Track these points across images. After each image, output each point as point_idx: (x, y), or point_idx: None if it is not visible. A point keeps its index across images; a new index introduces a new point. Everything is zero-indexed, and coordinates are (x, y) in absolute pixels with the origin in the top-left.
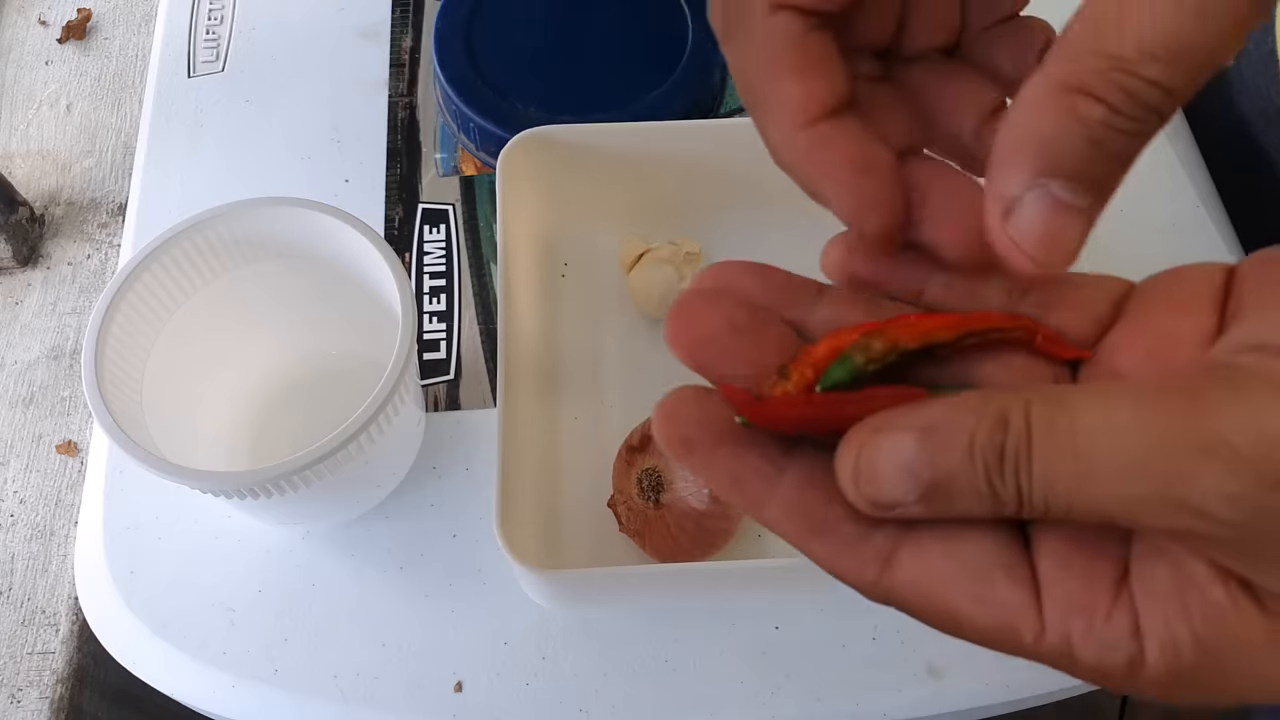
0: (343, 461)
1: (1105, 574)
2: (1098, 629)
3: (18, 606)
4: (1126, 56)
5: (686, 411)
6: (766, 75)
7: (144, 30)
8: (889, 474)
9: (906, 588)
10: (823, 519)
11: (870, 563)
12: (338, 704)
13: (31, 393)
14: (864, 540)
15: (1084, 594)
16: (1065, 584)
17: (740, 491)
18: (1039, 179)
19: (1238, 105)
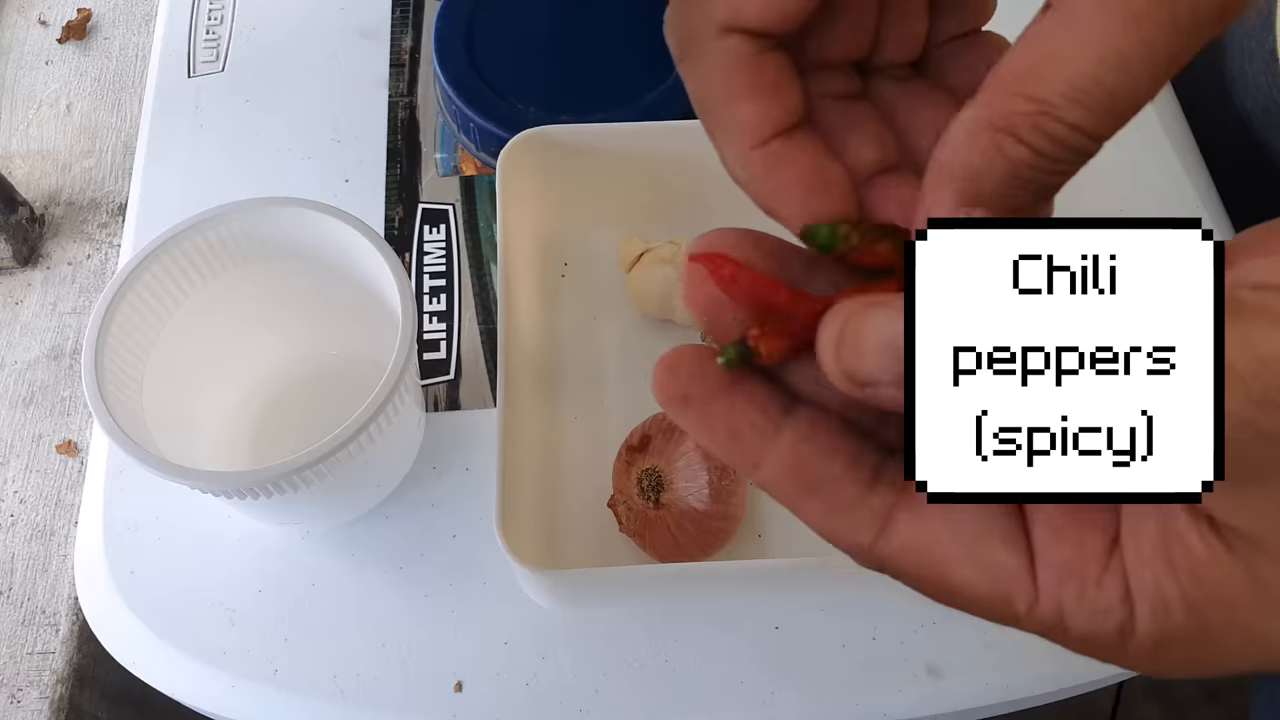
0: (343, 461)
1: (1097, 541)
2: (1089, 594)
3: (18, 606)
4: (1052, 101)
5: (686, 367)
6: (719, 97)
7: (144, 30)
8: (873, 347)
9: (902, 552)
10: (819, 476)
11: (866, 524)
12: (338, 704)
13: (31, 393)
14: (861, 501)
15: (1077, 559)
16: (1059, 549)
17: (737, 447)
18: (963, 206)
19: (1239, 104)
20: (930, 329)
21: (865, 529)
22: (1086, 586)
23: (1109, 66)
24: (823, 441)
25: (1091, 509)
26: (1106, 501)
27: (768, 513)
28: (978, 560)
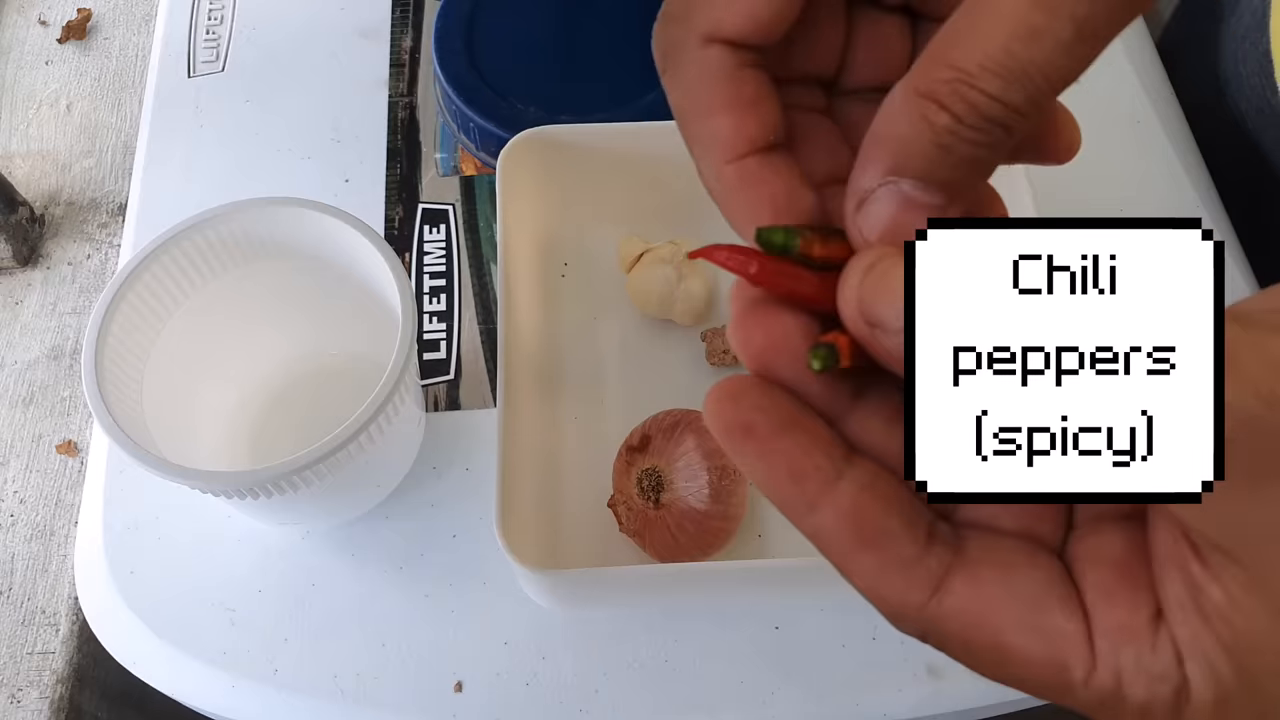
0: (343, 461)
1: (1146, 604)
2: (1145, 659)
3: (18, 606)
4: (969, 70)
5: (750, 397)
6: (698, 109)
7: (144, 30)
8: (892, 293)
9: (954, 615)
10: (878, 530)
11: (920, 584)
12: (338, 704)
13: (31, 393)
14: (917, 560)
15: (1131, 622)
16: (1112, 614)
17: (798, 488)
18: (890, 176)
19: (1234, 105)
20: (930, 329)
21: (918, 589)
22: (1143, 651)
23: (1021, 39)
24: (883, 492)
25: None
26: (1107, 501)
27: (768, 513)
28: (1035, 625)
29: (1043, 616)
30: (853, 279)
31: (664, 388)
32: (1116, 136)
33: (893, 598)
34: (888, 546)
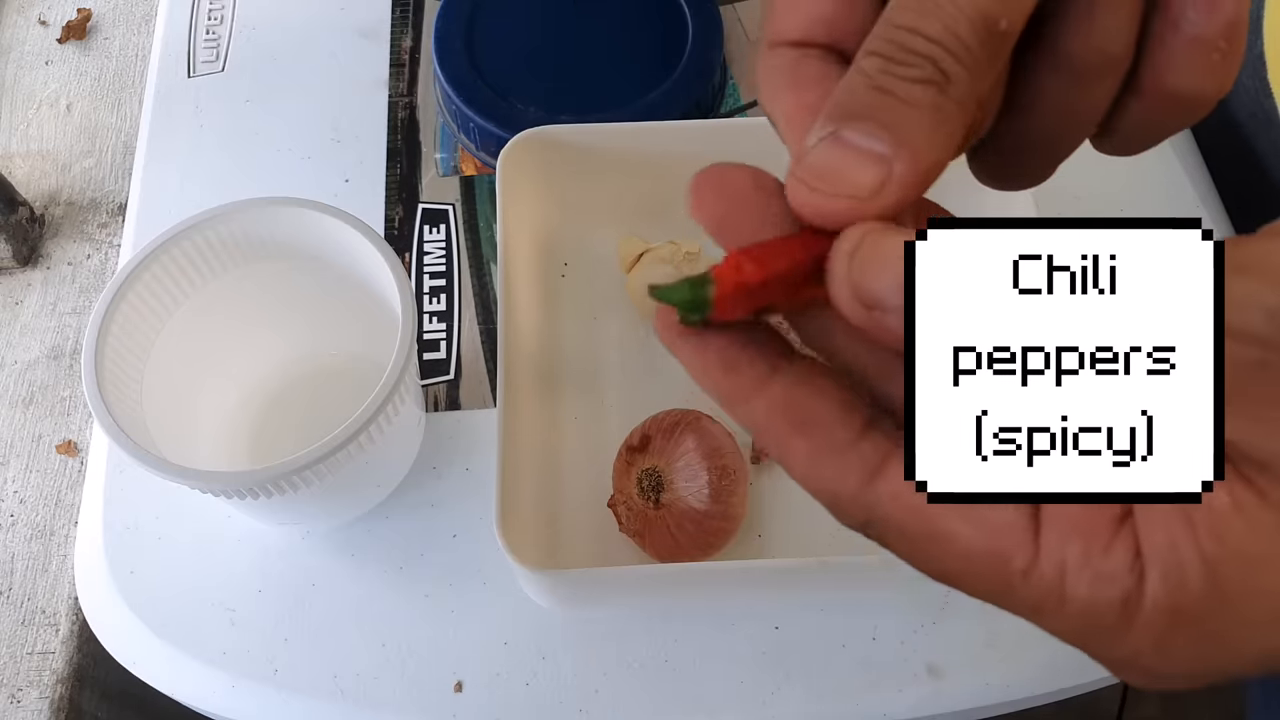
0: (343, 461)
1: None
2: (1094, 558)
3: (18, 606)
4: (890, 17)
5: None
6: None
7: (144, 30)
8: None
9: (891, 499)
10: (810, 415)
11: (855, 469)
12: (338, 704)
13: (31, 393)
14: (851, 446)
15: (1086, 520)
16: (1068, 510)
17: (730, 379)
18: (828, 125)
19: (1229, 108)
20: (930, 329)
21: (853, 474)
22: (1093, 547)
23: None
24: (818, 385)
25: None
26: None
27: (768, 513)
28: (974, 512)
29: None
30: (840, 262)
31: (664, 388)
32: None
33: (827, 483)
34: (820, 431)
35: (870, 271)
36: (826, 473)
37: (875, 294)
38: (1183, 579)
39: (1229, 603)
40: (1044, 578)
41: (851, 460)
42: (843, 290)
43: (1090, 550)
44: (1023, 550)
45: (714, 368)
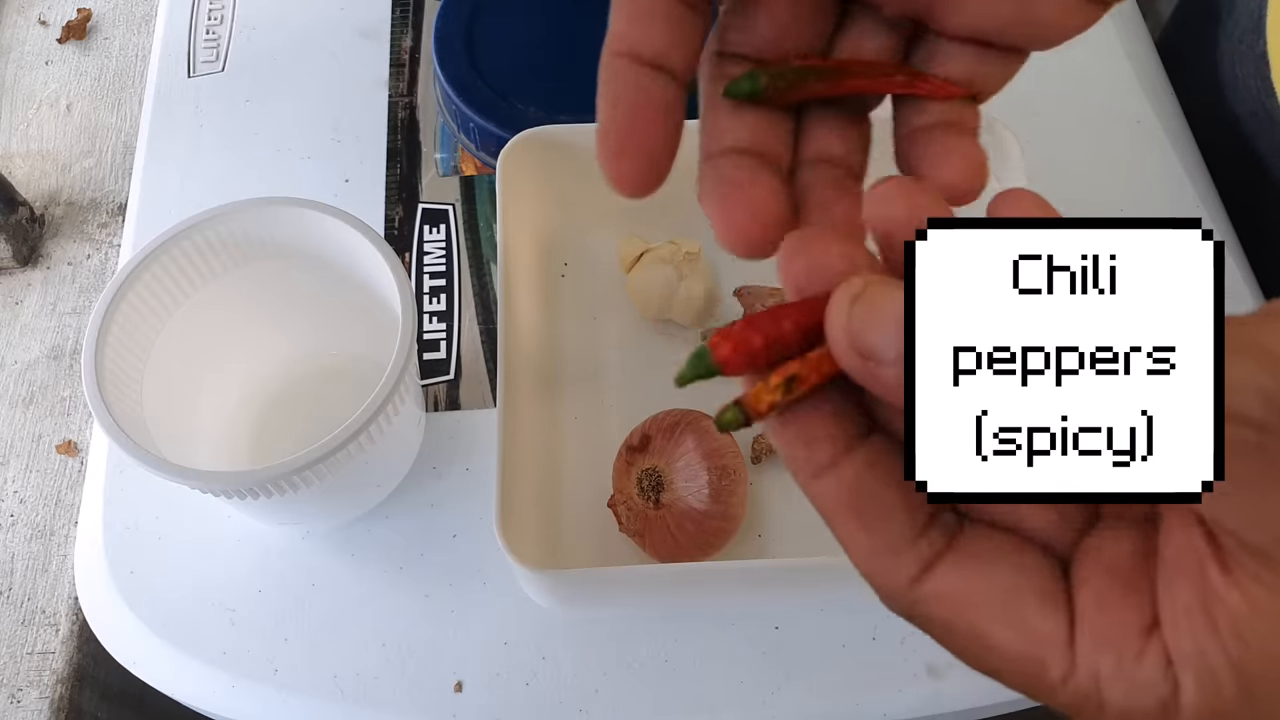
0: (343, 461)
1: (1141, 615)
2: (1127, 666)
3: (18, 606)
4: None
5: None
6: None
7: (144, 30)
8: (882, 321)
9: (936, 599)
10: (877, 507)
11: (908, 565)
12: (338, 704)
13: (31, 393)
14: (910, 545)
15: (1118, 630)
16: (1101, 619)
17: (806, 453)
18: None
19: (1231, 107)
20: (930, 329)
21: (906, 570)
22: (1125, 656)
23: None
24: (890, 467)
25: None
26: (1106, 501)
27: (768, 513)
28: (1013, 620)
29: (1020, 612)
30: (840, 308)
31: (664, 388)
32: (1116, 136)
33: (880, 576)
34: (883, 525)
35: (869, 322)
36: (880, 568)
37: (872, 346)
38: (1216, 684)
39: (1259, 702)
40: (1081, 686)
41: (907, 556)
42: (840, 338)
43: (1123, 660)
44: (1060, 659)
45: (794, 441)
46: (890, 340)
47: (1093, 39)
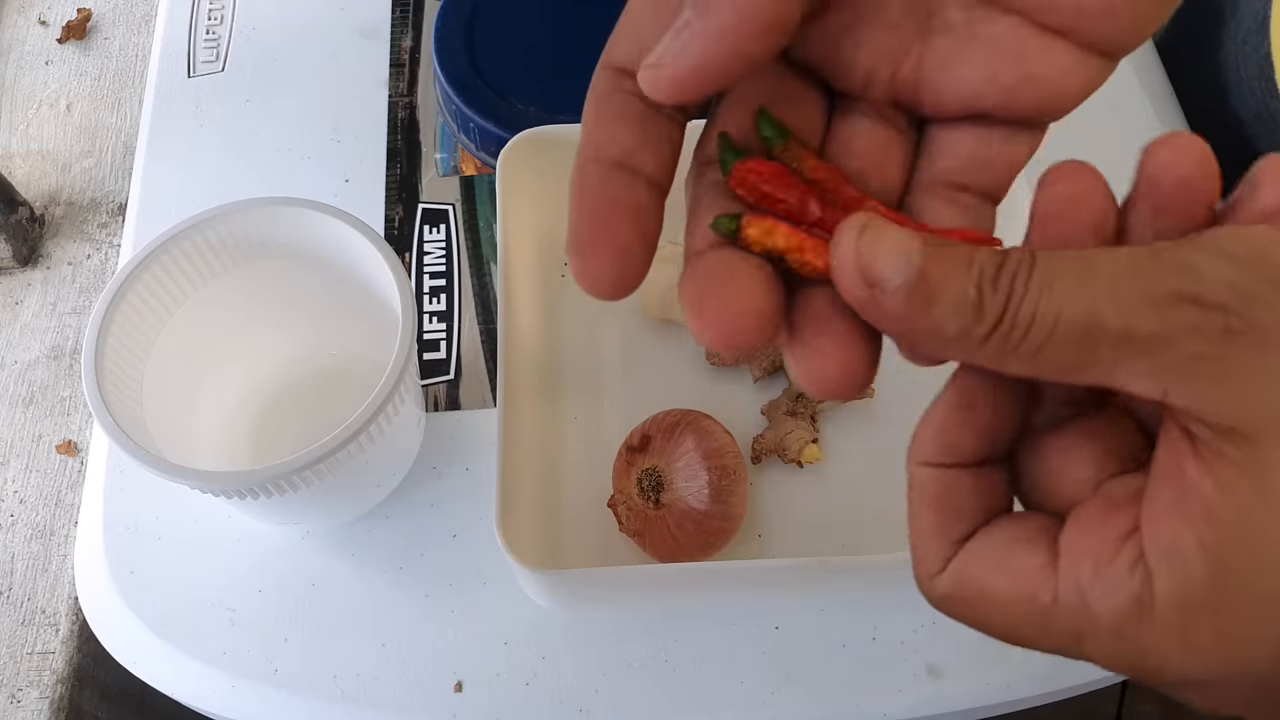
0: (343, 461)
1: (1119, 528)
2: (1103, 571)
3: (18, 606)
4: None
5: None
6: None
7: (144, 30)
8: (889, 250)
9: (950, 577)
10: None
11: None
12: (338, 704)
13: (31, 393)
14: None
15: (1094, 543)
16: (1080, 540)
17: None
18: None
19: (1234, 109)
20: None
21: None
22: (1101, 561)
23: None
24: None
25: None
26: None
27: (768, 513)
28: (1005, 567)
29: (1010, 558)
30: (848, 236)
31: (664, 388)
32: (1116, 136)
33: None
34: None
35: (876, 251)
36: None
37: (879, 273)
38: (1186, 571)
39: (1238, 584)
40: (1069, 603)
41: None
42: (847, 267)
43: (1099, 564)
44: (1046, 587)
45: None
46: (897, 268)
47: None
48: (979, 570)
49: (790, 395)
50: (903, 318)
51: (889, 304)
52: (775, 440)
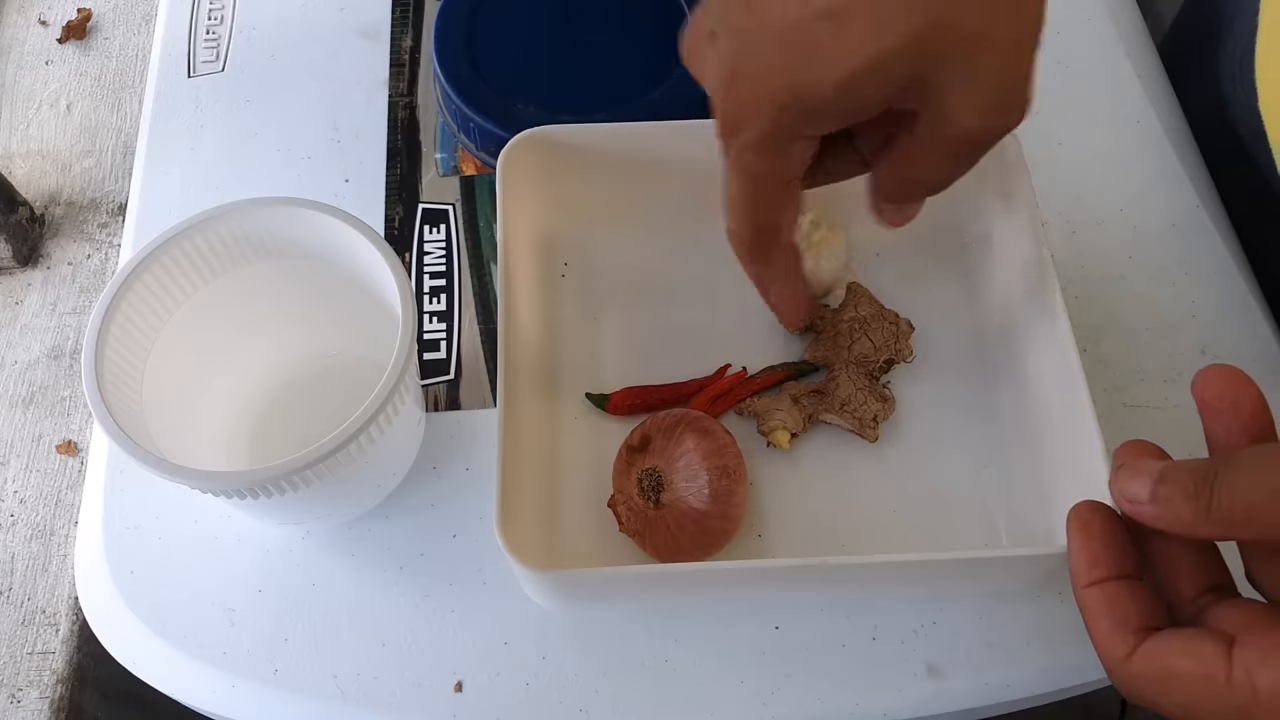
0: (343, 462)
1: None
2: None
3: (18, 606)
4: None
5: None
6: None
7: (144, 30)
8: (1139, 475)
9: (1142, 658)
10: (1122, 610)
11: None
12: (338, 704)
13: (31, 393)
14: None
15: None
16: (1250, 638)
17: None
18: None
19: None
20: None
21: (1126, 646)
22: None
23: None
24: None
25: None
26: None
27: (768, 513)
28: (1191, 651)
29: (1196, 644)
30: (1113, 475)
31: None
32: (1116, 136)
33: (1107, 651)
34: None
35: (1128, 480)
36: (1109, 645)
37: (1133, 492)
38: None
39: None
40: (1240, 683)
41: (1129, 640)
42: (1115, 494)
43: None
44: (1223, 666)
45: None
46: (1141, 486)
47: (1093, 39)
48: (1168, 652)
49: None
50: (1154, 518)
51: (1144, 512)
52: (767, 406)
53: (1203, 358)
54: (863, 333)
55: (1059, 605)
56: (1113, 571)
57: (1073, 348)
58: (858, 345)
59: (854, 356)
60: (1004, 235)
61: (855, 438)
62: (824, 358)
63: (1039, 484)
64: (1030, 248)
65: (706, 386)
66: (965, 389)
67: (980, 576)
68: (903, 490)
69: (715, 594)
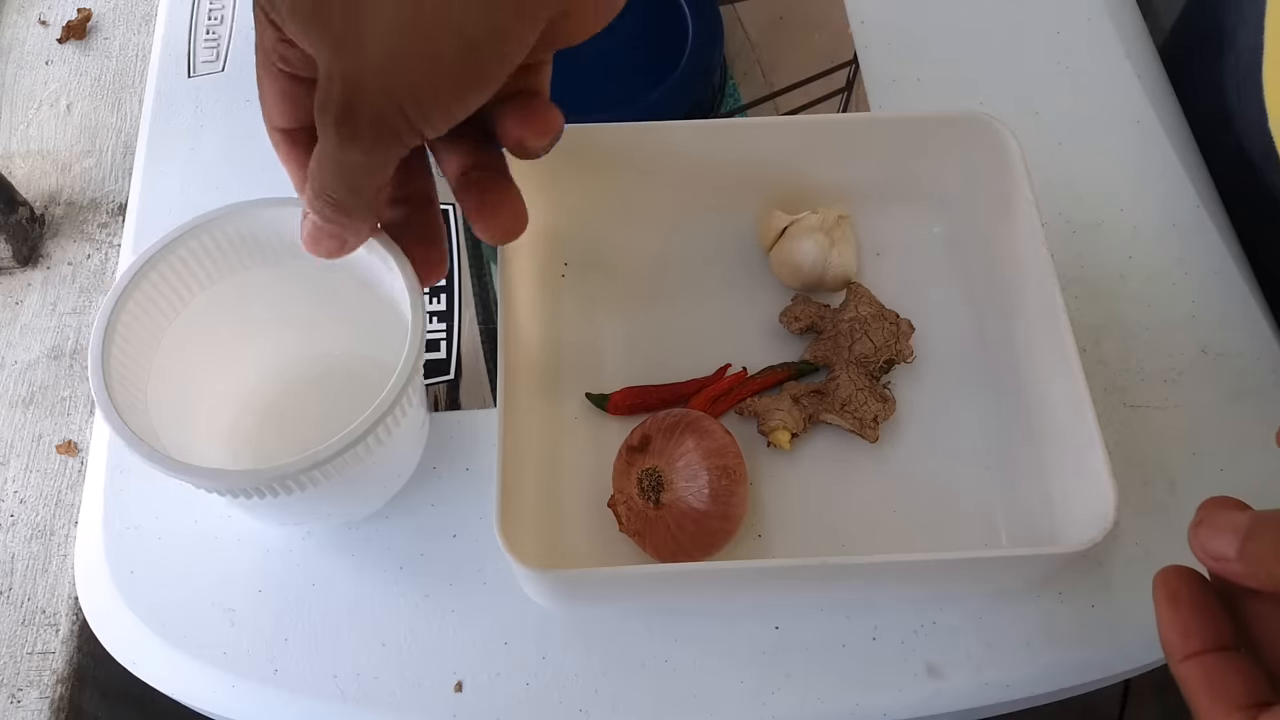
0: (350, 462)
1: None
2: None
3: (18, 606)
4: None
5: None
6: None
7: (144, 30)
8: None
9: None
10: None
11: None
12: (338, 704)
13: (31, 393)
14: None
15: None
16: None
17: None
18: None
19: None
20: None
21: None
22: None
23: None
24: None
25: None
26: None
27: (768, 513)
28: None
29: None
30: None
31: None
32: (1116, 136)
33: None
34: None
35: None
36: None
37: (1218, 551)
38: None
39: None
40: None
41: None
42: (1197, 550)
43: None
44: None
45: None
46: (1227, 543)
47: (1092, 39)
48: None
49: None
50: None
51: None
52: (767, 406)
53: (1203, 357)
54: (863, 333)
55: (1059, 605)
56: (1208, 643)
57: (1073, 348)
58: (858, 345)
59: (854, 357)
60: (1004, 235)
61: (855, 438)
62: (824, 358)
63: (1039, 484)
64: (1030, 248)
65: (706, 386)
66: (965, 389)
67: (980, 576)
68: (903, 490)
69: (715, 594)
